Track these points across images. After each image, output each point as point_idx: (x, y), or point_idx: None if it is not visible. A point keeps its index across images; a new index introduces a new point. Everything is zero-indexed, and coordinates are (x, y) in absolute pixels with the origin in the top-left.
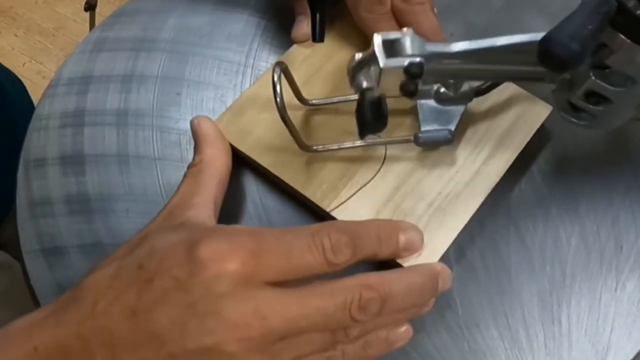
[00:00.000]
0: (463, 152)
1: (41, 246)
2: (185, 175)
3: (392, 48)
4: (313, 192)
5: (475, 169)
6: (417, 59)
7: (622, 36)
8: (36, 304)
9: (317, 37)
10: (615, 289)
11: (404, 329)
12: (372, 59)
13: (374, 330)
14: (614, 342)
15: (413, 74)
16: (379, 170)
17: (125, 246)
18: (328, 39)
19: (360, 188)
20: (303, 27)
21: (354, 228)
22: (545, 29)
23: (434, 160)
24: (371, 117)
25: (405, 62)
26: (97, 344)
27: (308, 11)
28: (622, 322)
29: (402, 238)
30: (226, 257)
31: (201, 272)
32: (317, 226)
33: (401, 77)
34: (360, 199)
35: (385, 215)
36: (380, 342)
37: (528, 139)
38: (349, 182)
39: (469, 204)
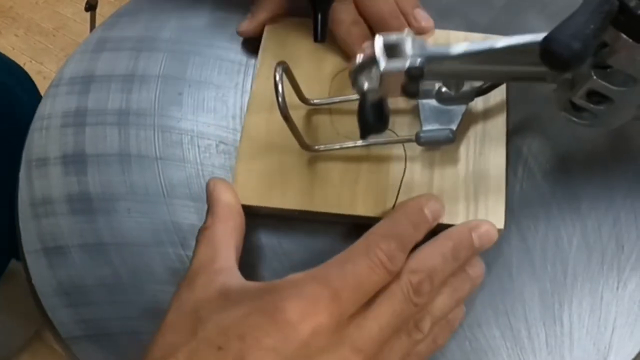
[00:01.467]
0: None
1: (43, 245)
2: (198, 240)
3: (392, 50)
4: (365, 209)
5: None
6: (418, 61)
7: (624, 36)
8: (37, 303)
9: (319, 36)
10: (617, 288)
11: (458, 308)
12: (373, 61)
13: (440, 320)
14: (615, 342)
15: (414, 75)
16: (405, 164)
17: (174, 329)
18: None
19: (400, 184)
20: (245, 21)
21: (393, 228)
22: (546, 28)
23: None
24: (373, 118)
25: (406, 64)
26: None
27: (263, 4)
28: (623, 321)
29: (428, 213)
30: (313, 312)
31: (296, 334)
32: (364, 242)
33: (402, 78)
34: (407, 194)
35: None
36: (444, 329)
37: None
38: (389, 186)
39: (497, 152)
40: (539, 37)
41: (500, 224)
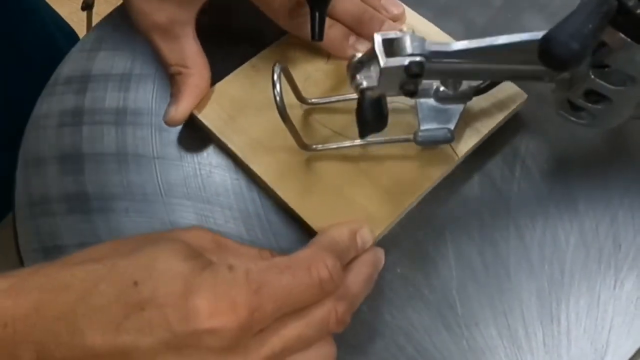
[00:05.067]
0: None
1: (40, 245)
2: None
3: (392, 47)
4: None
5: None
6: (418, 58)
7: (622, 35)
8: None
9: (317, 35)
10: (614, 287)
11: None
12: (372, 58)
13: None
14: (612, 341)
15: (413, 73)
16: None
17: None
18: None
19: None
20: (171, 110)
21: (336, 245)
22: (544, 28)
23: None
24: (372, 116)
25: (406, 61)
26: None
27: (187, 91)
28: (620, 320)
29: (359, 240)
30: (223, 313)
31: (194, 323)
32: (310, 256)
33: (401, 76)
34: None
35: None
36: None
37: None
38: (447, 158)
39: None
40: (538, 35)
41: (523, 96)
